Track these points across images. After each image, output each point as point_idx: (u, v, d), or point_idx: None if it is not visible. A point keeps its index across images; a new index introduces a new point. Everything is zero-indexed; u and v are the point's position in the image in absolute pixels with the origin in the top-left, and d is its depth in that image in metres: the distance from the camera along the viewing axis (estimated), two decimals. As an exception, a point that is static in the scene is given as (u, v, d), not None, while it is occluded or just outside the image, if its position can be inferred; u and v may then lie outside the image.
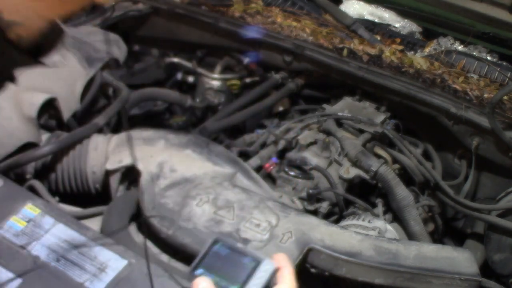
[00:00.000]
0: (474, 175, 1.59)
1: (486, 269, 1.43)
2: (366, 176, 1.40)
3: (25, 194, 1.06)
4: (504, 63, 1.80)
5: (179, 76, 2.04)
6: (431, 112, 1.57)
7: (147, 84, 1.97)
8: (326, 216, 1.37)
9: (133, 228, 1.16)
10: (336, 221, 1.38)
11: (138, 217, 1.14)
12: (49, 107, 1.35)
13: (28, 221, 0.99)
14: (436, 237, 1.60)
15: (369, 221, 1.29)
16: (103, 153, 1.27)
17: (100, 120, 1.43)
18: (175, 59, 2.05)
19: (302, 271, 1.08)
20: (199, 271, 0.73)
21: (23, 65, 0.89)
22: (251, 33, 1.74)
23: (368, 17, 2.04)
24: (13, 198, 1.04)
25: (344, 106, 1.65)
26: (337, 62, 1.64)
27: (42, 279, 0.90)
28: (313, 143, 1.49)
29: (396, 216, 1.41)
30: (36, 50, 0.87)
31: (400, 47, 1.73)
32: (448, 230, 1.74)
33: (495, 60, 1.82)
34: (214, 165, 1.18)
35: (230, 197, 1.08)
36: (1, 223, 0.98)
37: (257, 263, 0.71)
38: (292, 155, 1.46)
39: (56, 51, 0.91)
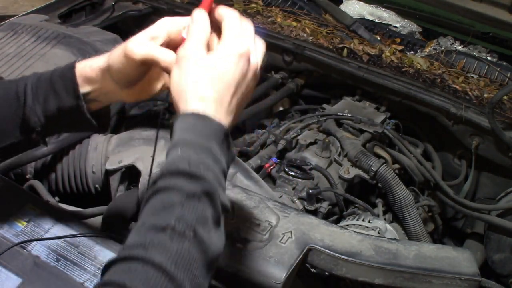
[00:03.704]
0: (474, 175, 1.59)
1: (486, 269, 1.43)
2: (366, 176, 1.40)
3: (25, 194, 1.06)
4: (504, 63, 1.80)
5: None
6: (431, 112, 1.57)
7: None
8: (326, 216, 1.37)
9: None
10: (336, 221, 1.38)
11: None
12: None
13: (28, 221, 0.99)
14: (436, 237, 1.60)
15: (369, 221, 1.29)
16: (103, 153, 1.27)
17: (100, 120, 1.42)
18: (175, 59, 2.04)
19: (302, 271, 1.08)
20: None
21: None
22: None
23: (368, 17, 2.04)
24: (13, 198, 1.04)
25: (344, 106, 1.65)
26: (337, 62, 1.64)
27: (42, 279, 0.90)
28: (313, 143, 1.49)
29: (396, 216, 1.41)
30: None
31: (400, 47, 1.73)
32: (448, 230, 1.74)
33: (495, 60, 1.82)
34: (214, 165, 1.18)
35: (230, 197, 1.08)
36: (1, 223, 0.98)
37: None
38: (292, 155, 1.46)
39: None
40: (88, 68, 0.83)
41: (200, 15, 0.74)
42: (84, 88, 0.83)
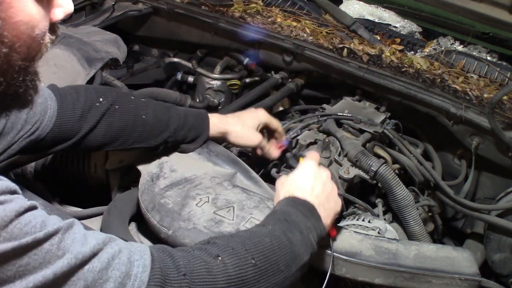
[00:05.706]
0: (474, 175, 1.59)
1: (486, 269, 1.44)
2: (366, 176, 1.40)
3: (25, 194, 1.06)
4: (504, 63, 1.80)
5: (179, 76, 2.04)
6: (431, 112, 1.57)
7: (147, 84, 1.97)
8: (326, 216, 1.36)
9: (133, 228, 1.16)
10: (336, 221, 1.38)
11: (138, 217, 1.14)
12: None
13: (28, 221, 0.99)
14: (436, 237, 1.60)
15: (369, 221, 1.29)
16: (103, 153, 1.27)
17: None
18: (175, 59, 2.05)
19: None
20: None
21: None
22: (251, 33, 1.74)
23: (368, 17, 2.05)
24: (13, 198, 1.03)
25: (344, 106, 1.65)
26: (337, 62, 1.64)
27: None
28: (313, 143, 1.49)
29: (396, 216, 1.41)
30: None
31: (400, 47, 1.73)
32: (448, 230, 1.74)
33: (495, 60, 1.82)
34: (214, 165, 1.18)
35: (230, 197, 1.08)
36: (1, 223, 0.98)
37: None
38: (292, 155, 1.46)
39: None
40: (219, 124, 1.23)
41: (314, 153, 1.10)
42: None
